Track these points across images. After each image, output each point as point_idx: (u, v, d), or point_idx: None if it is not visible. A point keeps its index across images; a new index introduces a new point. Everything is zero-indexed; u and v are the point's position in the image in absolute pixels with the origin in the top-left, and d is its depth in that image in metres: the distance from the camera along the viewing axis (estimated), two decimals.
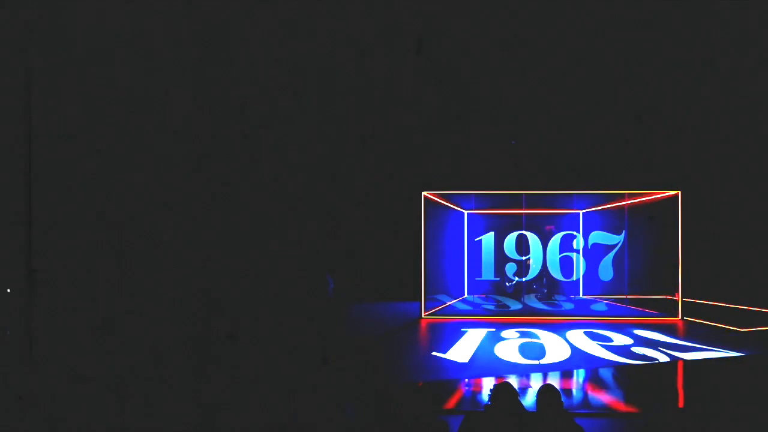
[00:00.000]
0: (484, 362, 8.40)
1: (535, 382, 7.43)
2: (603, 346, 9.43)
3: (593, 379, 7.74)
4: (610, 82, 14.93)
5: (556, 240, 14.81)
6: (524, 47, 14.79)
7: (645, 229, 13.72)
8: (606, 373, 7.93)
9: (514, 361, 8.50)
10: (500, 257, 14.81)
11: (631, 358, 8.63)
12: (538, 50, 15.00)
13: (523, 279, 14.45)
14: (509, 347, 9.35)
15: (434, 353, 8.90)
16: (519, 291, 14.23)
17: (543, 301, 14.32)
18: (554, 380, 7.57)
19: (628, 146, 14.58)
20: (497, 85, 15.11)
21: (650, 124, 14.80)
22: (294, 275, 16.73)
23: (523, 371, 7.90)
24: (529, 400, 6.23)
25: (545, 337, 10.11)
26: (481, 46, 15.40)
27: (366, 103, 16.37)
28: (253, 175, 17.16)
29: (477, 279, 15.15)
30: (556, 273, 14.84)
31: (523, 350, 9.12)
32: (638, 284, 13.47)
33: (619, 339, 10.02)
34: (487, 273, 14.86)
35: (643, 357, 8.73)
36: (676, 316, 11.98)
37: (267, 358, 8.83)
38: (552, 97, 14.99)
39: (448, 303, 13.63)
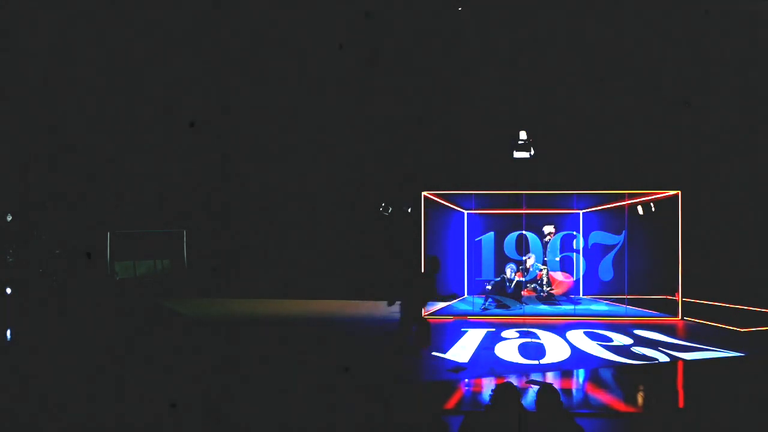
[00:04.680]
0: (485, 362, 8.40)
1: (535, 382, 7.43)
2: (603, 346, 9.43)
3: (593, 379, 7.74)
4: (611, 82, 14.92)
5: (556, 240, 14.81)
6: (523, 47, 14.79)
7: (645, 229, 13.71)
8: (606, 373, 7.93)
9: (514, 360, 8.50)
10: (500, 257, 14.80)
11: (631, 358, 8.63)
12: (538, 50, 15.00)
13: (523, 279, 14.45)
14: (509, 347, 9.35)
15: (434, 353, 8.90)
16: (519, 291, 14.23)
17: (543, 301, 14.32)
18: (554, 380, 7.58)
19: (628, 146, 14.57)
20: (496, 84, 15.11)
21: (650, 124, 14.80)
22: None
23: (524, 371, 7.89)
24: (529, 400, 6.23)
25: (545, 337, 10.11)
26: (478, 43, 15.39)
27: (365, 102, 16.36)
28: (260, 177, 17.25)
29: (477, 279, 15.14)
30: (556, 273, 14.83)
31: (523, 350, 9.13)
32: (638, 284, 13.45)
33: (619, 339, 10.02)
34: (488, 273, 14.85)
35: (643, 357, 8.73)
36: (676, 316, 11.98)
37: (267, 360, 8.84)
38: (552, 96, 14.99)
39: (448, 303, 13.63)
